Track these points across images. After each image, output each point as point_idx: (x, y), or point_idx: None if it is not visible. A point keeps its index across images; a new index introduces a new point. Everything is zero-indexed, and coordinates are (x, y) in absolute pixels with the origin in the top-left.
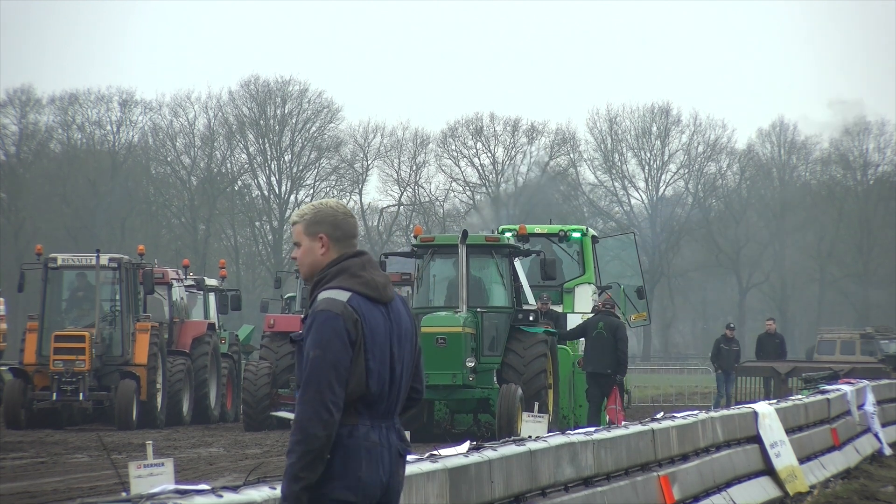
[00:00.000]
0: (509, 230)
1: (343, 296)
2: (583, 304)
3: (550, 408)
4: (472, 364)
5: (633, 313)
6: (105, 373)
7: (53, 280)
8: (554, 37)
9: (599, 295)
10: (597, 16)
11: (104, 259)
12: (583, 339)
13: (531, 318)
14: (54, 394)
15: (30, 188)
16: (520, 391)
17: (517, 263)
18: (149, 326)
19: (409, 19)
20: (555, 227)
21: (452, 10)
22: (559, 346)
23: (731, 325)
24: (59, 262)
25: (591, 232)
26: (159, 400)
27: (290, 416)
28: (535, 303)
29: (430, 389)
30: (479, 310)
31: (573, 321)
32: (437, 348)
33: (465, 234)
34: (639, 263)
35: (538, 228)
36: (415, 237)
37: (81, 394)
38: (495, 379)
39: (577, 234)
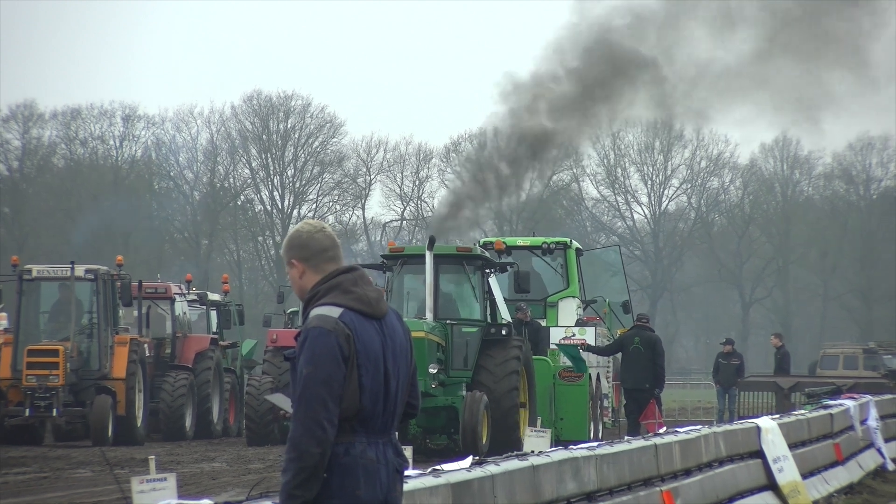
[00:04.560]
0: (490, 242)
1: (335, 312)
2: (567, 318)
3: (523, 426)
4: (435, 371)
5: (619, 328)
6: (81, 388)
7: (29, 292)
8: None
9: (584, 309)
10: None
11: (80, 270)
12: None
13: (504, 333)
14: (27, 409)
15: (32, 203)
16: (485, 398)
17: (492, 278)
18: (127, 339)
19: (412, 34)
20: (538, 240)
21: (455, 25)
22: (538, 357)
23: (728, 340)
24: (34, 274)
25: (575, 244)
26: (139, 415)
27: (285, 401)
28: (509, 317)
29: None
30: (448, 322)
31: (556, 334)
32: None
33: (432, 240)
34: (624, 277)
35: (521, 241)
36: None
37: (55, 409)
38: (464, 392)
39: (559, 247)
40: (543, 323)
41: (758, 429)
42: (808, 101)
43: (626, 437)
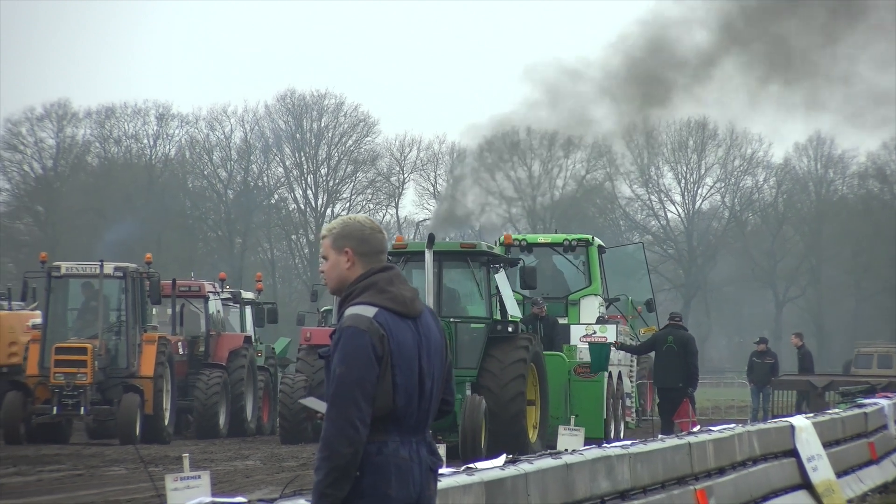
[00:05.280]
0: (519, 239)
1: (370, 311)
2: (588, 316)
3: (532, 426)
4: None
5: (643, 327)
6: (109, 386)
7: (58, 289)
8: (592, 49)
9: (607, 307)
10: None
11: (108, 268)
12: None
13: (511, 330)
14: (55, 408)
15: (66, 202)
16: (484, 404)
17: (500, 274)
18: (155, 338)
19: (444, 33)
20: (559, 237)
21: (488, 25)
22: (552, 353)
23: (761, 339)
24: (63, 271)
25: (598, 241)
26: (167, 414)
27: (318, 404)
28: (518, 314)
29: None
30: (452, 320)
31: (577, 332)
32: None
33: (431, 238)
34: (648, 275)
35: (542, 238)
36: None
37: (83, 408)
38: (468, 392)
39: (582, 244)
40: (564, 321)
41: (792, 428)
42: (853, 99)
43: (659, 436)
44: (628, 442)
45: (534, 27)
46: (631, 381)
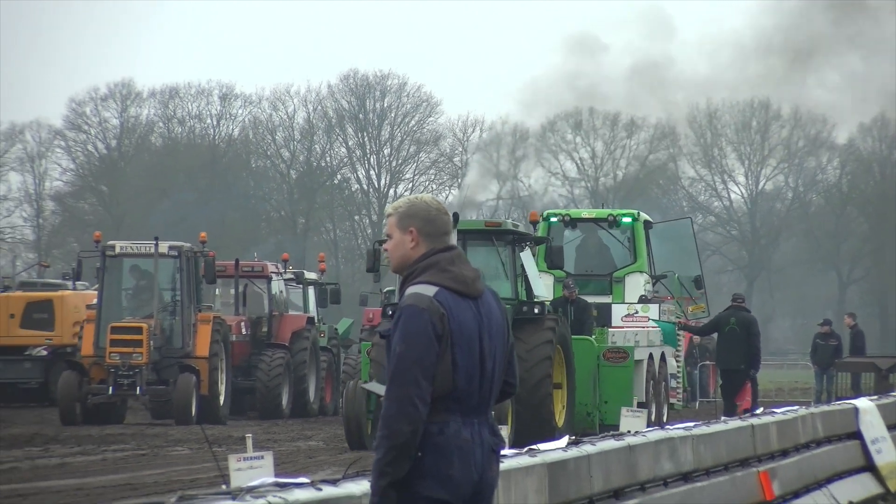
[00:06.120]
0: (555, 215)
1: (430, 290)
2: (633, 294)
3: (560, 410)
4: None
5: (691, 305)
6: (164, 366)
7: (112, 269)
8: (653, 31)
9: (654, 284)
10: (694, 12)
11: (163, 247)
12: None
13: (537, 311)
14: (110, 388)
15: (130, 181)
16: None
17: (526, 252)
18: (210, 317)
19: (508, 13)
20: (604, 212)
21: (549, 5)
22: (581, 337)
23: (825, 321)
24: (118, 250)
25: (644, 217)
26: (222, 394)
27: (381, 388)
28: (543, 294)
29: None
30: None
31: (618, 312)
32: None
33: (455, 217)
34: (696, 251)
35: (585, 213)
36: None
37: (139, 388)
38: None
39: (627, 219)
40: (609, 299)
41: (855, 410)
42: None
43: (722, 418)
44: (691, 423)
45: (596, 8)
46: (677, 362)
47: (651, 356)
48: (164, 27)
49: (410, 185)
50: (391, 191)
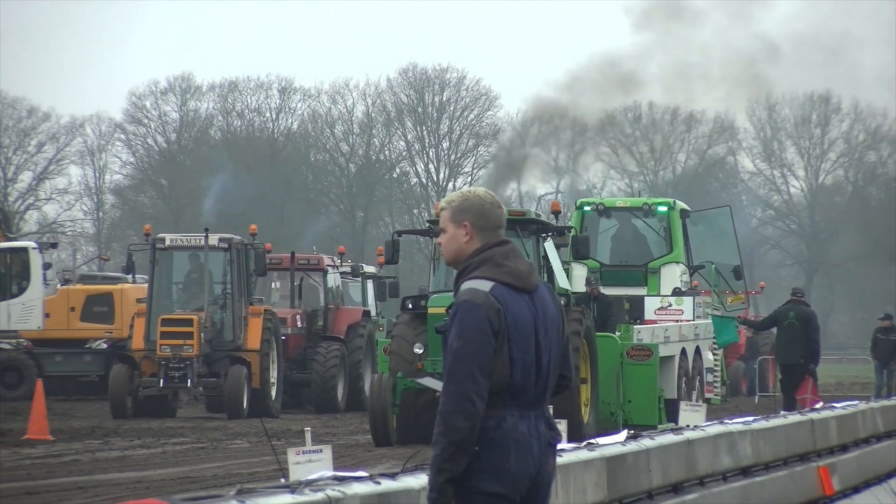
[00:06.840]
0: (588, 203)
1: (485, 286)
2: (668, 286)
3: (584, 406)
4: None
5: (731, 296)
6: (215, 359)
7: (162, 261)
8: (716, 27)
9: (691, 276)
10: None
11: (213, 239)
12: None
13: (562, 303)
14: (161, 380)
15: (189, 175)
16: None
17: (549, 243)
18: (261, 310)
19: (566, 8)
20: (638, 200)
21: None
22: (604, 334)
23: (886, 315)
24: (168, 243)
25: (680, 205)
26: (274, 387)
27: (436, 384)
28: (567, 285)
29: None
30: None
31: (651, 304)
32: (437, 334)
33: None
34: (735, 240)
35: (620, 202)
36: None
37: (189, 380)
38: None
39: (663, 208)
40: (644, 291)
41: None
42: None
43: (781, 412)
44: (750, 418)
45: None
46: (714, 355)
47: (684, 351)
48: (224, 21)
49: (469, 178)
50: (450, 184)
